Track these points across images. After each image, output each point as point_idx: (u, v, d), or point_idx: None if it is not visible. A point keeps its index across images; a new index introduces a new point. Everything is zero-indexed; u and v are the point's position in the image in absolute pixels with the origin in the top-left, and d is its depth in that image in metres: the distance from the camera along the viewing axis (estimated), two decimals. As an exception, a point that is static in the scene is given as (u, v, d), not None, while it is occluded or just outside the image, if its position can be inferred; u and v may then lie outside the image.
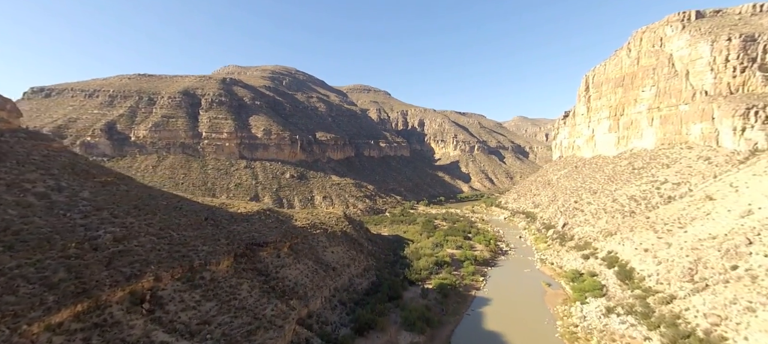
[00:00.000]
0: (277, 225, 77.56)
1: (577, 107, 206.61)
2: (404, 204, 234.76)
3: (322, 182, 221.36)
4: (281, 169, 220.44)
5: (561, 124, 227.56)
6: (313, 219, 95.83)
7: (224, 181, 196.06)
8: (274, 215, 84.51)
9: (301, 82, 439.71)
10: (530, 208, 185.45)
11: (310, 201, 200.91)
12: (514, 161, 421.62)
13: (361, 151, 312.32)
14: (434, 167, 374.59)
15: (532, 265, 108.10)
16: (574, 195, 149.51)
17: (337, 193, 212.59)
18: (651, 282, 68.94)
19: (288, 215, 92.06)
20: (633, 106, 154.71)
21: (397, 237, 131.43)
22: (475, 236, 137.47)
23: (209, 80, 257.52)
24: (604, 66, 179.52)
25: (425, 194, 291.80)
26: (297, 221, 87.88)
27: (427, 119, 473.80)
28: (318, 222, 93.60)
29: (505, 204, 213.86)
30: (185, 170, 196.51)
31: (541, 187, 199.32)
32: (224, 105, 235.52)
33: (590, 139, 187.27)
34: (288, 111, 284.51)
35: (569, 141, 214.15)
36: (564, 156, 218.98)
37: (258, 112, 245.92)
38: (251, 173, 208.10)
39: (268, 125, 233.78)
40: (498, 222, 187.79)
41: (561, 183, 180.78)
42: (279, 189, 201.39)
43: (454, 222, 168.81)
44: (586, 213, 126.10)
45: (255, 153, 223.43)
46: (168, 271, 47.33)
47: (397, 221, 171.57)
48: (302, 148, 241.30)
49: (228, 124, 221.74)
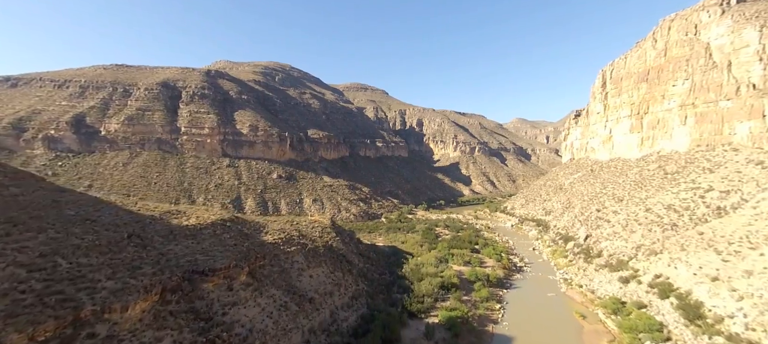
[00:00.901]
0: (237, 241, 59.28)
1: (591, 105, 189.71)
2: (402, 209, 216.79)
3: (312, 183, 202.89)
4: (268, 168, 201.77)
5: (572, 124, 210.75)
6: (292, 230, 77.53)
7: (203, 181, 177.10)
8: (238, 227, 66.17)
9: (296, 79, 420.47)
10: (541, 215, 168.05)
11: (298, 204, 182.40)
12: (517, 163, 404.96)
13: (357, 150, 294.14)
14: (433, 169, 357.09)
15: (556, 287, 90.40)
16: (594, 202, 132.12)
17: (328, 196, 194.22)
18: (736, 327, 51.36)
19: (259, 225, 73.70)
20: (660, 103, 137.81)
21: (393, 249, 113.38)
22: (484, 248, 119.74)
23: (192, 72, 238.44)
24: (624, 59, 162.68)
25: (424, 197, 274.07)
26: (268, 235, 69.54)
27: (425, 119, 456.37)
28: (296, 234, 75.30)
29: (511, 210, 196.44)
30: (160, 168, 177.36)
31: (551, 192, 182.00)
32: (207, 98, 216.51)
33: (607, 139, 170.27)
34: (278, 107, 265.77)
35: (582, 142, 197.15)
36: (576, 158, 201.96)
37: (245, 106, 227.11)
38: (234, 172, 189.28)
39: (255, 121, 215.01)
40: (505, 230, 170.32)
41: (576, 188, 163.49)
42: (264, 191, 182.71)
43: (458, 230, 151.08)
44: (613, 224, 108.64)
45: (239, 151, 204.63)
46: (24, 331, 29.09)
47: (394, 228, 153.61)
48: (292, 147, 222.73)
49: (210, 119, 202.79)
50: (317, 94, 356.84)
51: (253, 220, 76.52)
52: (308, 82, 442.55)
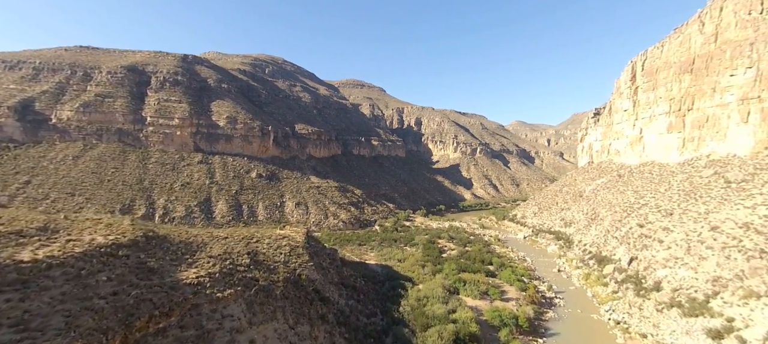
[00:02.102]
0: (124, 285, 34.87)
1: (615, 102, 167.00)
2: (398, 215, 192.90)
3: (297, 184, 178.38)
4: (247, 166, 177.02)
5: (590, 123, 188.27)
6: (241, 253, 53.18)
7: (168, 179, 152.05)
8: (141, 255, 41.62)
9: (288, 73, 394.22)
10: (560, 227, 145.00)
11: (279, 208, 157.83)
12: (520, 166, 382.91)
13: (350, 148, 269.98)
14: (432, 170, 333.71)
15: (608, 333, 66.99)
16: (633, 215, 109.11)
17: (314, 199, 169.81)
18: None
19: (186, 248, 49.21)
20: (709, 98, 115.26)
21: (388, 271, 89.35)
22: (500, 270, 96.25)
23: (166, 57, 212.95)
24: (660, 48, 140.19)
25: (422, 201, 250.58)
26: (196, 266, 45.07)
27: (424, 118, 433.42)
28: (246, 262, 50.99)
29: (522, 219, 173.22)
30: (117, 163, 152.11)
31: (570, 200, 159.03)
32: (180, 85, 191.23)
33: (637, 140, 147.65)
34: (263, 98, 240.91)
35: (603, 144, 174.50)
36: (596, 162, 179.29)
37: (224, 96, 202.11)
38: (207, 170, 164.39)
39: (234, 112, 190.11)
40: (517, 242, 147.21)
41: (601, 196, 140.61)
42: (240, 192, 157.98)
43: (465, 243, 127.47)
44: (667, 245, 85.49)
45: (215, 145, 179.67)
46: None
47: (390, 239, 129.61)
48: (276, 142, 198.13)
49: (181, 108, 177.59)
50: (309, 88, 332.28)
51: (184, 238, 51.99)
52: (301, 77, 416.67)
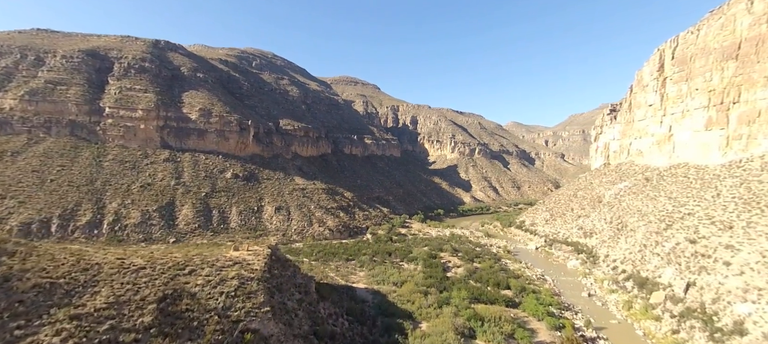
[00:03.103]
0: None
1: (636, 97, 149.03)
2: (393, 220, 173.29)
3: (279, 186, 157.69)
4: (221, 165, 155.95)
5: (606, 121, 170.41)
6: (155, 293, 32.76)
7: (126, 180, 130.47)
8: None
9: (277, 68, 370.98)
10: (578, 237, 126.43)
11: (256, 213, 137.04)
12: (520, 168, 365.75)
13: (341, 147, 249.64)
14: (429, 171, 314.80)
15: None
16: (675, 226, 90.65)
17: (298, 203, 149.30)
18: None
19: (51, 283, 28.76)
20: (762, 88, 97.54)
21: (381, 299, 69.37)
22: (521, 295, 77.04)
23: (135, 41, 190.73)
24: (695, 32, 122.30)
25: (419, 204, 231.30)
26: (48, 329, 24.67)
27: (420, 116, 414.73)
28: (144, 324, 30.66)
29: (531, 227, 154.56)
30: (66, 161, 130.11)
31: (588, 206, 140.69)
32: (147, 73, 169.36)
33: (665, 139, 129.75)
34: (245, 91, 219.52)
35: (622, 143, 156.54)
36: (613, 163, 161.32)
37: (198, 86, 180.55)
38: (173, 169, 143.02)
39: (209, 104, 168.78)
40: (528, 254, 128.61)
41: (626, 202, 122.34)
42: (211, 195, 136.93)
43: (473, 258, 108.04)
44: (738, 268, 66.94)
45: (185, 141, 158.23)
46: None
47: (383, 252, 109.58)
48: (257, 139, 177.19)
49: (147, 99, 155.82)
50: (298, 82, 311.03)
51: (56, 270, 31.50)
52: (292, 72, 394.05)
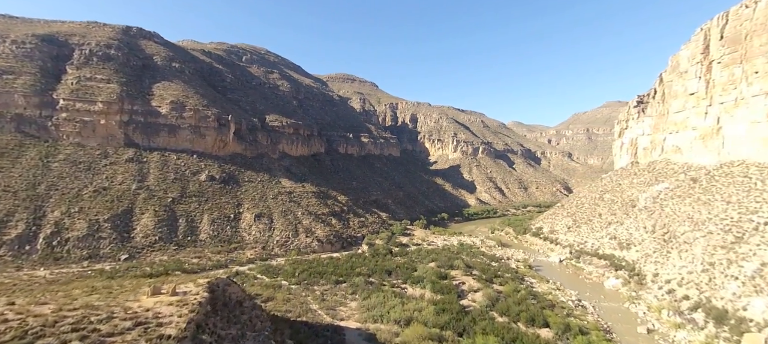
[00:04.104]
0: None
1: (673, 85, 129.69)
2: (393, 227, 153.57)
3: (262, 189, 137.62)
4: (196, 165, 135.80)
5: (632, 114, 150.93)
6: None
7: (77, 183, 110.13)
8: None
9: (270, 63, 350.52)
10: (611, 248, 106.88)
11: (231, 222, 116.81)
12: (526, 168, 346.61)
13: (335, 146, 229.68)
14: (430, 172, 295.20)
15: None
16: (752, 240, 71.13)
17: (283, 208, 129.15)
18: None
19: None
20: None
21: (379, 351, 49.37)
22: (566, 338, 57.38)
23: (102, 28, 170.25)
24: (752, 4, 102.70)
25: (421, 208, 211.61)
26: None
27: (420, 114, 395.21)
28: None
29: (551, 235, 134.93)
30: (7, 161, 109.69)
31: (619, 211, 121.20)
32: (113, 61, 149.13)
33: (712, 133, 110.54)
34: (229, 83, 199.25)
35: (654, 138, 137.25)
36: (643, 162, 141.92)
37: (172, 77, 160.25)
38: (137, 170, 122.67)
39: (183, 96, 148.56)
40: (552, 269, 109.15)
41: (670, 207, 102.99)
42: (179, 200, 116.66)
43: (491, 276, 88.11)
44: None
45: (154, 138, 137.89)
46: None
47: (381, 270, 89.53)
48: (239, 136, 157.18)
49: (109, 90, 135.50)
50: (290, 77, 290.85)
51: None
52: (285, 69, 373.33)
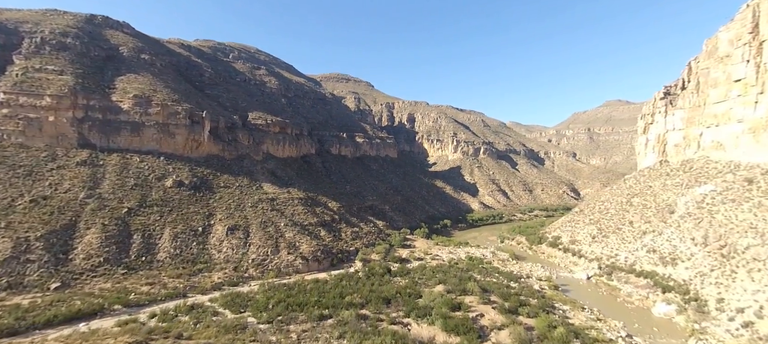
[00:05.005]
0: None
1: (711, 72, 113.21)
2: (391, 237, 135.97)
3: (239, 196, 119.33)
4: (163, 169, 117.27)
5: (658, 107, 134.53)
6: None
7: (11, 192, 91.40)
8: None
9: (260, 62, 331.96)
10: (650, 264, 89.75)
11: (200, 235, 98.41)
12: (530, 169, 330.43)
13: (327, 146, 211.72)
14: (429, 174, 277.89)
15: None
16: None
17: (263, 219, 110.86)
18: None
19: None
20: None
21: None
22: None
23: (61, 16, 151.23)
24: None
25: (421, 214, 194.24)
26: None
27: (418, 114, 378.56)
28: None
29: (572, 245, 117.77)
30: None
31: (654, 217, 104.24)
32: (69, 51, 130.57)
33: (764, 125, 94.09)
34: (207, 78, 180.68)
35: (688, 133, 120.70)
36: (675, 160, 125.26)
37: (139, 70, 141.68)
38: (90, 176, 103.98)
39: (149, 90, 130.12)
40: (578, 287, 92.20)
41: (721, 214, 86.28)
42: (136, 212, 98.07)
43: (515, 308, 70.21)
44: None
45: (115, 138, 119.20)
46: None
47: (378, 298, 71.45)
48: (216, 135, 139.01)
49: (60, 82, 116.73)
50: (280, 75, 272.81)
51: None
52: (277, 68, 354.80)
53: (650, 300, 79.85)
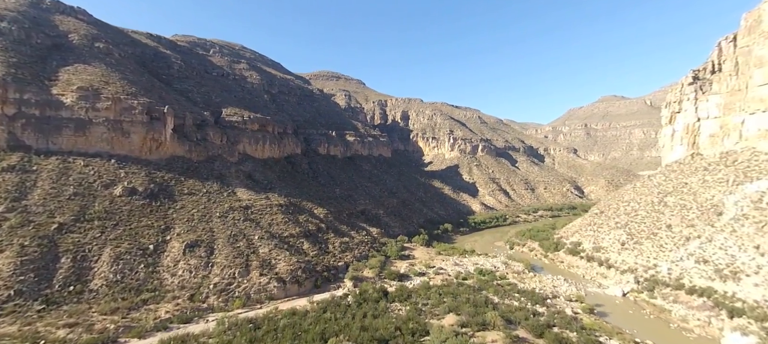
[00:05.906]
0: None
1: (754, 50, 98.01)
2: (386, 247, 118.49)
3: (206, 205, 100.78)
4: (113, 174, 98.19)
5: (686, 94, 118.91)
6: None
7: None
8: None
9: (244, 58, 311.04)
10: (703, 278, 73.58)
11: (151, 255, 79.64)
12: (531, 166, 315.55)
13: (315, 146, 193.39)
14: (426, 174, 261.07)
15: None
16: None
17: (232, 232, 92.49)
18: None
19: None
20: None
21: None
22: None
23: None
24: None
25: (419, 217, 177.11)
26: None
27: (412, 111, 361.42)
28: None
29: (596, 254, 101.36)
30: None
31: (698, 220, 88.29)
32: (4, 38, 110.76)
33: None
34: (176, 71, 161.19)
35: (725, 122, 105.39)
36: (710, 153, 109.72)
37: (90, 60, 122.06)
38: (16, 184, 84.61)
39: (99, 82, 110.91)
40: (613, 305, 75.98)
41: (792, 215, 69.91)
42: (70, 228, 79.02)
43: (552, 345, 53.43)
44: None
45: (55, 138, 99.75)
46: None
47: (372, 338, 54.17)
48: (182, 134, 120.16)
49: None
50: (262, 69, 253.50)
51: None
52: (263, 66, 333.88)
53: (714, 326, 63.52)
